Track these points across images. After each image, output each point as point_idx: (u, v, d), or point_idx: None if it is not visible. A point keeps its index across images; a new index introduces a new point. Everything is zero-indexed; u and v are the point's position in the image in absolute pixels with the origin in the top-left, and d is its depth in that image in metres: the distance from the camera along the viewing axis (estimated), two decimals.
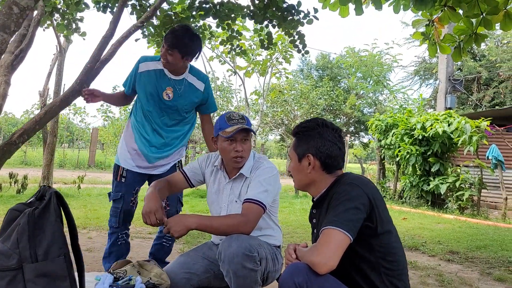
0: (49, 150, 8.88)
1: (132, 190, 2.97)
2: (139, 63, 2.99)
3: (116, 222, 2.94)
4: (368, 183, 1.67)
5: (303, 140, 1.78)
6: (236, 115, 2.23)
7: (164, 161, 3.03)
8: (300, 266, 1.49)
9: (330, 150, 1.75)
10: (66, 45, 9.24)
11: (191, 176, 2.39)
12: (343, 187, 1.64)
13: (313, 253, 1.50)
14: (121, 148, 3.05)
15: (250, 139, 2.26)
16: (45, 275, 1.62)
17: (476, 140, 8.42)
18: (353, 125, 25.65)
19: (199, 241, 4.68)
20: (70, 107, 21.32)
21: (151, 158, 2.97)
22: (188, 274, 2.21)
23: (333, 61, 25.53)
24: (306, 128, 1.80)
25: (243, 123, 2.19)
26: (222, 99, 21.04)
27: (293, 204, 9.23)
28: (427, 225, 6.95)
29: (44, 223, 1.66)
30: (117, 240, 2.97)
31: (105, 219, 5.87)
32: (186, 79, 2.99)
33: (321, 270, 1.46)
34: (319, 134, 1.76)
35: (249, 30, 8.45)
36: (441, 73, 12.38)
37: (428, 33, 3.85)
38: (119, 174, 2.99)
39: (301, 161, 1.78)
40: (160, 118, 2.97)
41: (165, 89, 2.92)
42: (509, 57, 17.58)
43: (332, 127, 1.80)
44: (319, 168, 1.76)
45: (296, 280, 1.46)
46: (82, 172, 10.66)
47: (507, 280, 3.74)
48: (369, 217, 1.59)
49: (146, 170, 3.00)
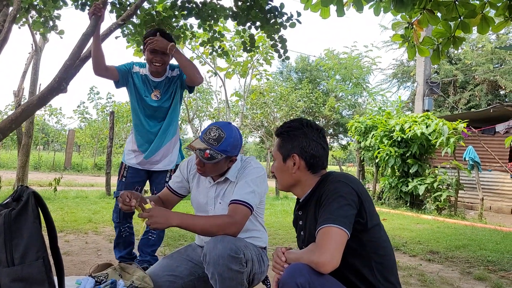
0: (24, 151, 8.64)
1: (132, 188, 3.16)
2: (131, 64, 3.18)
3: (117, 218, 3.21)
4: (354, 179, 1.67)
5: (288, 140, 1.76)
6: (212, 133, 2.07)
7: (159, 155, 3.20)
8: (301, 266, 1.47)
9: (315, 150, 1.74)
10: (42, 44, 9.02)
11: (177, 188, 2.35)
12: (332, 186, 1.62)
13: (315, 253, 1.47)
14: (126, 149, 3.31)
15: (219, 162, 2.09)
16: (22, 280, 1.55)
17: (454, 141, 8.59)
18: (332, 127, 25.90)
19: (180, 244, 4.61)
20: (46, 107, 20.87)
21: (147, 152, 3.16)
22: (171, 276, 2.15)
23: (313, 64, 25.72)
24: (291, 128, 1.78)
25: (211, 145, 2.03)
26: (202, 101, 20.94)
27: (274, 206, 9.22)
28: (406, 226, 7.03)
29: (21, 225, 1.58)
30: (121, 233, 3.25)
31: (82, 222, 5.75)
32: (167, 76, 3.18)
33: (325, 269, 1.44)
34: (304, 134, 1.74)
35: (229, 31, 8.41)
36: (419, 76, 12.60)
37: (407, 35, 3.89)
38: (121, 173, 3.25)
39: (286, 161, 1.76)
40: (149, 114, 3.16)
41: (153, 91, 3.13)
42: (484, 61, 18.02)
43: (316, 127, 1.79)
44: (304, 168, 1.74)
45: (298, 281, 1.43)
46: (58, 175, 10.40)
47: (487, 279, 3.80)
48: (359, 213, 1.59)
49: (145, 166, 3.21)
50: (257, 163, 2.24)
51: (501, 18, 3.31)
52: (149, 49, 2.97)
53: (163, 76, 3.15)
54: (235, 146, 2.10)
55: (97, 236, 4.99)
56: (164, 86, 3.15)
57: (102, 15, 2.86)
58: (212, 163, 2.06)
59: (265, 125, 19.13)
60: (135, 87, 3.13)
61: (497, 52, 17.81)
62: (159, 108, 3.15)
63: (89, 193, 9.43)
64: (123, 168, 3.25)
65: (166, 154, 3.23)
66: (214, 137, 2.05)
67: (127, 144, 3.32)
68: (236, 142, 2.11)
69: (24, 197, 1.66)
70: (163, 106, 3.16)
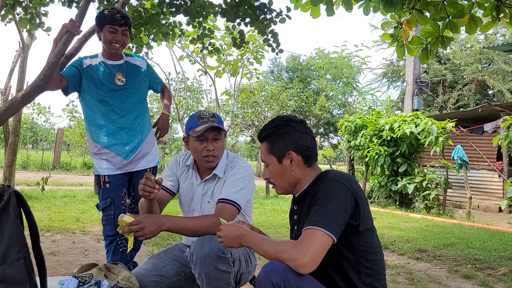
0: (11, 150, 8.52)
1: (120, 193, 2.87)
2: (81, 60, 2.94)
3: (112, 229, 2.81)
4: (352, 180, 1.63)
5: (278, 139, 1.72)
6: (207, 113, 2.16)
7: (139, 154, 2.94)
8: (277, 265, 1.44)
9: (307, 142, 1.72)
10: (29, 41, 8.90)
11: (171, 187, 2.29)
12: (329, 184, 1.59)
13: (295, 249, 1.45)
14: (95, 159, 2.96)
15: (222, 138, 2.18)
16: (3, 281, 1.52)
17: (442, 141, 8.65)
18: (323, 127, 25.98)
19: (169, 243, 4.58)
20: (34, 106, 20.64)
21: (124, 153, 2.89)
22: (158, 276, 2.12)
23: (303, 63, 25.78)
24: (277, 127, 1.74)
25: (213, 121, 2.12)
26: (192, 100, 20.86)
27: (264, 205, 9.21)
28: (395, 224, 7.07)
29: (2, 225, 1.55)
30: (118, 247, 2.83)
31: (69, 222, 5.68)
32: (128, 61, 3.00)
33: (302, 270, 1.42)
34: (293, 129, 1.72)
35: (219, 29, 8.38)
36: (408, 76, 12.67)
37: (396, 35, 3.90)
38: (102, 182, 2.89)
39: (282, 161, 1.71)
40: (116, 105, 2.89)
41: (114, 75, 2.90)
42: (473, 61, 18.19)
43: (299, 119, 1.77)
44: (302, 163, 1.71)
45: (274, 280, 1.40)
46: (46, 174, 10.28)
47: (474, 277, 3.82)
48: (352, 215, 1.56)
49: (125, 168, 2.91)
50: (244, 161, 2.23)
51: (489, 18, 3.33)
52: (109, 29, 2.79)
53: (122, 60, 2.96)
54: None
55: (85, 236, 4.94)
56: (127, 71, 2.94)
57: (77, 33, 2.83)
58: (220, 138, 2.16)
59: (255, 124, 19.10)
60: (93, 82, 2.86)
61: (486, 52, 17.99)
62: (126, 93, 2.91)
63: (77, 193, 9.34)
64: (101, 180, 2.89)
65: (147, 151, 2.99)
66: (211, 115, 2.17)
67: (94, 156, 2.96)
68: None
69: (5, 197, 1.62)
70: (130, 93, 2.92)
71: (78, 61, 2.93)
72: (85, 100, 2.93)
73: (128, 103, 2.92)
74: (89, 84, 2.88)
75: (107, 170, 2.88)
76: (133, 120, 2.94)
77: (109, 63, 2.93)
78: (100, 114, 2.89)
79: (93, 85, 2.87)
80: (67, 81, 2.82)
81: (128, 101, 2.92)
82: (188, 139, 2.19)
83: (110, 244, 2.85)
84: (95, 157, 2.95)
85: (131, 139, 2.91)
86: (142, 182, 1.92)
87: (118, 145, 2.88)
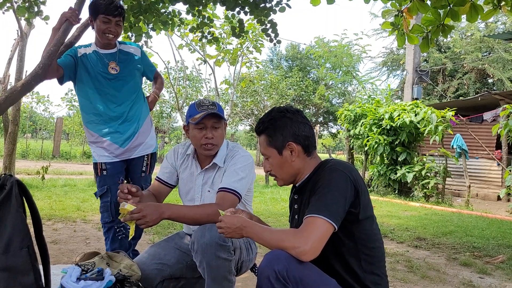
0: (11, 139, 8.51)
1: (117, 180, 2.88)
2: (76, 49, 2.93)
3: (109, 216, 2.85)
4: (352, 169, 1.64)
5: (276, 131, 1.72)
6: (206, 101, 2.16)
7: (136, 141, 2.95)
8: (279, 253, 1.46)
9: (306, 131, 1.72)
10: (28, 30, 8.84)
11: (168, 178, 2.30)
12: (329, 173, 1.60)
13: (296, 237, 1.46)
14: (92, 148, 2.98)
15: (222, 127, 2.18)
16: (6, 269, 1.53)
17: (442, 129, 8.65)
18: (322, 116, 25.92)
19: (170, 232, 4.61)
20: (33, 95, 20.57)
21: (121, 141, 2.90)
22: (159, 265, 2.14)
23: (303, 52, 25.61)
24: (274, 119, 1.74)
25: (213, 109, 2.11)
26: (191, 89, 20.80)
27: (264, 194, 9.25)
28: (394, 213, 7.11)
29: (5, 214, 1.56)
30: (116, 234, 2.85)
31: (70, 210, 5.70)
32: (121, 49, 2.98)
33: (303, 257, 1.44)
34: (290, 120, 1.72)
35: (219, 18, 8.31)
36: (408, 64, 12.62)
37: (397, 23, 3.87)
38: (99, 169, 2.92)
39: (283, 153, 1.72)
40: (110, 93, 2.89)
41: (108, 64, 2.89)
42: (473, 49, 18.10)
43: (295, 109, 1.77)
44: (302, 153, 1.72)
45: (276, 268, 1.42)
46: (46, 163, 10.29)
47: (472, 264, 3.86)
48: (353, 203, 1.57)
49: (122, 156, 2.93)
50: (244, 151, 2.23)
51: (489, 6, 3.31)
52: (102, 19, 2.77)
53: (115, 48, 2.94)
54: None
55: (86, 224, 4.97)
56: (120, 59, 2.93)
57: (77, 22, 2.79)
58: (220, 126, 2.15)
59: (255, 113, 19.04)
60: (87, 71, 2.85)
61: (486, 41, 17.89)
62: (120, 82, 2.90)
63: (77, 182, 9.36)
64: (98, 167, 2.92)
65: (143, 138, 2.99)
66: (210, 103, 2.15)
67: (91, 144, 2.98)
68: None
69: (7, 186, 1.63)
70: (125, 81, 2.92)
71: (73, 50, 2.92)
72: (80, 90, 2.94)
73: (123, 92, 2.92)
74: (83, 73, 2.88)
75: (105, 158, 2.91)
76: (129, 108, 2.94)
77: (102, 52, 2.91)
78: (95, 103, 2.89)
79: (87, 74, 2.87)
80: (63, 70, 2.82)
81: (123, 90, 2.92)
82: (188, 127, 2.19)
83: (108, 232, 2.89)
84: (92, 146, 2.98)
85: (127, 127, 2.92)
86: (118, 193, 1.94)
87: (114, 133, 2.90)
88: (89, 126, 2.95)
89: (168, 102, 22.49)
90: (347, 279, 1.60)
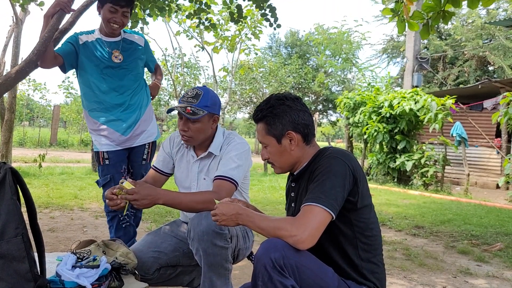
0: (7, 127, 8.46)
1: (120, 169, 2.89)
2: (77, 36, 2.88)
3: None
4: (350, 156, 1.61)
5: (276, 119, 1.68)
6: (190, 93, 2.09)
7: (137, 130, 2.94)
8: (276, 242, 1.44)
9: (305, 119, 1.69)
10: (23, 16, 8.73)
11: (163, 167, 2.28)
12: (328, 161, 1.57)
13: (293, 225, 1.44)
14: (93, 136, 2.97)
15: (203, 121, 2.07)
16: (1, 257, 1.52)
17: (442, 117, 8.62)
18: (322, 103, 25.82)
19: (167, 220, 4.60)
20: (29, 82, 20.41)
21: (122, 129, 2.89)
22: (156, 253, 2.13)
23: (302, 39, 25.42)
24: (273, 107, 1.70)
25: (191, 103, 2.04)
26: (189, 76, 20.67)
27: (262, 182, 9.25)
28: (393, 201, 7.12)
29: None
30: (120, 223, 2.87)
31: (68, 198, 5.69)
32: (125, 38, 2.96)
33: (300, 246, 1.42)
34: (289, 108, 1.68)
35: (217, 4, 8.21)
36: (409, 51, 12.53)
37: (397, 9, 3.82)
38: (101, 158, 2.91)
39: (281, 141, 1.68)
40: (113, 82, 2.87)
41: (111, 52, 2.86)
42: (474, 36, 17.95)
43: (294, 96, 1.73)
44: (301, 142, 1.69)
45: (273, 256, 1.40)
46: (43, 151, 10.25)
47: (470, 252, 3.86)
48: (351, 192, 1.55)
49: (124, 144, 2.92)
50: (240, 138, 2.20)
51: None
52: (109, 8, 2.73)
53: (119, 37, 2.92)
54: (214, 103, 2.10)
55: (83, 212, 4.96)
56: (123, 48, 2.91)
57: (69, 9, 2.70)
58: (196, 119, 2.03)
59: (254, 101, 18.97)
60: (90, 59, 2.82)
61: (487, 28, 17.75)
62: (123, 70, 2.88)
63: (75, 170, 9.35)
64: (100, 156, 2.91)
65: (145, 126, 2.98)
66: (192, 96, 2.07)
67: (92, 132, 2.97)
68: (215, 99, 2.11)
69: (1, 173, 1.61)
70: (128, 70, 2.90)
71: (74, 37, 2.88)
72: (83, 77, 2.91)
73: (125, 80, 2.90)
74: (86, 61, 2.85)
75: (106, 147, 2.89)
76: (131, 97, 2.93)
77: (106, 40, 2.89)
78: (97, 91, 2.87)
79: (90, 62, 2.84)
80: (63, 58, 2.78)
81: (126, 78, 2.91)
82: None
83: (112, 220, 2.90)
84: (93, 134, 2.96)
85: (129, 115, 2.91)
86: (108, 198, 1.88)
87: (116, 121, 2.88)
88: (91, 114, 2.94)
89: (166, 90, 22.38)
90: (344, 267, 1.59)
